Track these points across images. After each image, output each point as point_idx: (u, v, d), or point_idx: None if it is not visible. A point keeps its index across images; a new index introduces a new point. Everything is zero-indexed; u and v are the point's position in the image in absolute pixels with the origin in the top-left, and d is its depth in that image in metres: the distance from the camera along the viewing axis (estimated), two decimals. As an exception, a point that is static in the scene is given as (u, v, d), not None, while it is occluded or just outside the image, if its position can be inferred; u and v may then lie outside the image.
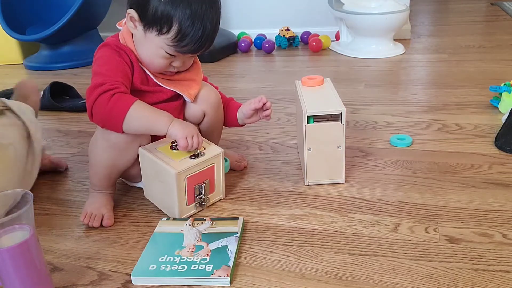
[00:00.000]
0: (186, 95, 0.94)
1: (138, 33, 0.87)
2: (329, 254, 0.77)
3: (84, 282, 0.75)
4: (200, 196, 0.90)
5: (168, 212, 0.90)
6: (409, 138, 1.16)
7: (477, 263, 0.72)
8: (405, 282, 0.70)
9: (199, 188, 0.89)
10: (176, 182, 0.84)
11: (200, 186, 0.89)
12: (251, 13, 2.47)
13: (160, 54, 0.86)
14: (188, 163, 0.86)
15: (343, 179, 0.98)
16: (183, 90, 0.94)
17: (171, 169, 0.84)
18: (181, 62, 0.90)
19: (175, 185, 0.84)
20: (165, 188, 0.87)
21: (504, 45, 2.06)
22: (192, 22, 0.81)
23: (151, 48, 0.86)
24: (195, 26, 0.82)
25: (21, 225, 0.65)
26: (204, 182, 0.89)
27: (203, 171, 0.89)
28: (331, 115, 0.93)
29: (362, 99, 1.51)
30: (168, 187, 0.86)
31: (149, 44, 0.86)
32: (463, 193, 0.92)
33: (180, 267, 0.73)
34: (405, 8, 2.00)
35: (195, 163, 0.87)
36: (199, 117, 0.99)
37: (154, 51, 0.86)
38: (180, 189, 0.86)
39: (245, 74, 1.95)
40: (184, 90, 0.94)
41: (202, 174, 0.88)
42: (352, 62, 1.99)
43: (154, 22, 0.83)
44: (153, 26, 0.83)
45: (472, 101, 1.41)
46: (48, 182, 1.10)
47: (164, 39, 0.83)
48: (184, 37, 0.83)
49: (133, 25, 0.86)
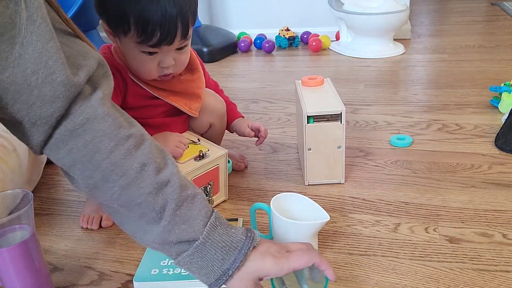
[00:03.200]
0: (187, 110, 0.93)
1: (117, 44, 0.84)
2: (329, 254, 0.77)
3: (84, 282, 0.75)
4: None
5: None
6: (409, 138, 1.16)
7: (477, 263, 0.72)
8: (405, 282, 0.70)
9: (204, 189, 0.89)
10: None
11: (205, 188, 0.89)
12: (251, 13, 2.47)
13: (141, 57, 0.81)
14: (194, 165, 0.86)
15: (343, 179, 0.98)
16: (185, 104, 0.92)
17: None
18: (170, 59, 0.82)
19: None
20: None
21: (504, 45, 2.06)
22: (145, 8, 0.74)
23: (131, 54, 0.82)
24: (151, 10, 0.74)
25: (21, 225, 0.65)
26: (209, 183, 0.89)
27: (208, 173, 0.88)
28: (331, 115, 0.93)
29: (362, 99, 1.51)
30: None
31: (127, 50, 0.82)
32: (463, 193, 0.92)
33: (183, 271, 0.73)
34: (405, 8, 2.00)
35: (200, 164, 0.86)
36: (205, 128, 0.99)
37: (134, 55, 0.81)
38: None
39: (245, 74, 1.95)
40: (186, 104, 0.92)
41: (207, 175, 0.88)
42: (352, 62, 1.99)
43: (116, 26, 0.78)
44: (118, 30, 0.79)
45: (472, 101, 1.41)
46: (48, 182, 1.10)
47: (132, 37, 0.77)
48: (146, 26, 0.75)
49: (111, 37, 0.83)
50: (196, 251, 0.56)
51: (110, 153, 0.54)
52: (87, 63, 0.54)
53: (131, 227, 0.59)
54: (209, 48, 2.13)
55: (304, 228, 0.71)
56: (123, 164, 0.54)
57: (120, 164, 0.54)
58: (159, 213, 0.56)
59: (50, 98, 0.50)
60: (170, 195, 0.56)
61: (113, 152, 0.54)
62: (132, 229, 0.59)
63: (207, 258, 0.56)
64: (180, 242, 0.56)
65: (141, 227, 0.58)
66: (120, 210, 0.57)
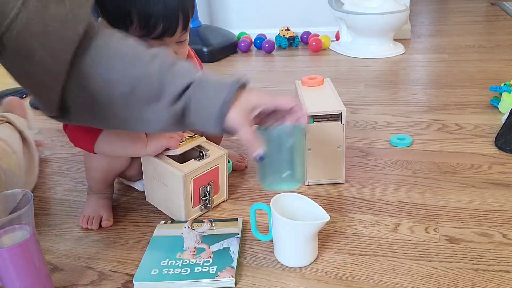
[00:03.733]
0: None
1: None
2: (329, 254, 0.77)
3: (84, 282, 0.75)
4: (205, 198, 0.89)
5: (173, 215, 0.90)
6: (409, 138, 1.16)
7: (477, 263, 0.72)
8: (405, 282, 0.70)
9: (204, 190, 0.89)
10: (183, 185, 0.83)
11: (205, 188, 0.89)
12: (251, 13, 2.47)
13: None
14: (194, 165, 0.85)
15: (343, 179, 0.98)
16: None
17: (177, 171, 0.83)
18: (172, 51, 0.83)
19: (182, 188, 0.83)
20: (171, 191, 0.87)
21: (504, 45, 2.06)
22: (147, 1, 0.76)
23: None
24: (152, 3, 0.76)
25: (21, 225, 0.65)
26: (209, 183, 0.89)
27: (208, 173, 0.88)
28: (331, 115, 0.93)
29: (362, 99, 1.51)
30: (173, 189, 0.85)
31: None
32: (463, 193, 0.92)
33: (183, 270, 0.73)
34: (405, 8, 2.00)
35: (200, 164, 0.86)
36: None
37: None
38: (187, 192, 0.85)
39: (245, 74, 1.95)
40: None
41: (207, 175, 0.88)
42: (352, 62, 1.99)
43: (117, 21, 0.78)
44: (119, 25, 0.78)
45: (472, 101, 1.41)
46: (48, 182, 1.10)
47: (134, 31, 0.78)
48: (149, 19, 0.76)
49: None
50: (195, 91, 0.64)
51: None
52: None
53: (140, 114, 0.66)
54: (209, 48, 2.13)
55: (304, 228, 0.71)
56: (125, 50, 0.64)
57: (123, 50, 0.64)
58: (158, 76, 0.63)
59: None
60: (163, 57, 0.65)
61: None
62: (142, 116, 0.66)
63: (206, 95, 0.63)
64: (181, 92, 0.64)
65: (147, 109, 0.65)
66: (128, 101, 0.64)
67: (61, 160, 1.21)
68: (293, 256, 0.75)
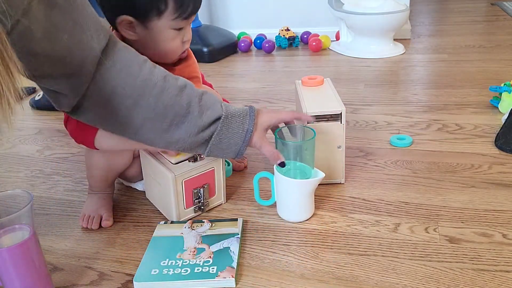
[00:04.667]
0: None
1: (140, 34, 0.83)
2: (329, 254, 0.77)
3: (84, 282, 0.75)
4: (199, 200, 0.89)
5: (166, 214, 0.90)
6: (409, 138, 1.16)
7: (477, 263, 0.72)
8: (405, 282, 0.70)
9: (197, 192, 0.88)
10: (173, 186, 0.83)
11: (198, 190, 0.88)
12: (251, 13, 2.47)
13: (171, 35, 0.83)
14: (186, 166, 0.85)
15: (343, 179, 0.98)
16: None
17: (168, 172, 0.83)
18: (190, 31, 0.88)
19: (172, 189, 0.84)
20: (163, 191, 0.87)
21: (504, 45, 2.06)
22: None
23: (160, 37, 0.83)
24: None
25: (21, 225, 0.65)
26: (203, 186, 0.89)
27: (202, 175, 0.88)
28: (331, 115, 0.93)
29: (362, 99, 1.51)
30: (165, 189, 0.86)
31: (156, 35, 0.82)
32: (463, 193, 0.92)
33: (183, 271, 0.73)
34: (405, 8, 2.00)
35: (193, 166, 0.86)
36: None
37: (164, 36, 0.83)
38: (178, 193, 0.85)
39: (245, 74, 1.95)
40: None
41: (200, 177, 0.88)
42: (352, 62, 1.99)
43: (150, 9, 0.79)
44: (150, 13, 0.80)
45: (472, 101, 1.41)
46: (48, 182, 1.10)
47: (167, 15, 0.80)
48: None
49: (131, 31, 0.83)
50: (223, 125, 0.76)
51: (139, 72, 0.70)
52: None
53: (166, 135, 0.75)
54: (209, 48, 2.13)
55: (305, 185, 0.83)
56: (151, 79, 0.71)
57: (149, 79, 0.71)
58: (187, 108, 0.73)
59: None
60: (191, 93, 0.74)
61: (142, 71, 0.70)
62: (169, 138, 0.75)
63: (232, 127, 0.76)
64: (209, 124, 0.75)
65: (174, 131, 0.74)
66: (154, 124, 0.73)
67: (61, 160, 1.21)
68: (296, 211, 0.86)
